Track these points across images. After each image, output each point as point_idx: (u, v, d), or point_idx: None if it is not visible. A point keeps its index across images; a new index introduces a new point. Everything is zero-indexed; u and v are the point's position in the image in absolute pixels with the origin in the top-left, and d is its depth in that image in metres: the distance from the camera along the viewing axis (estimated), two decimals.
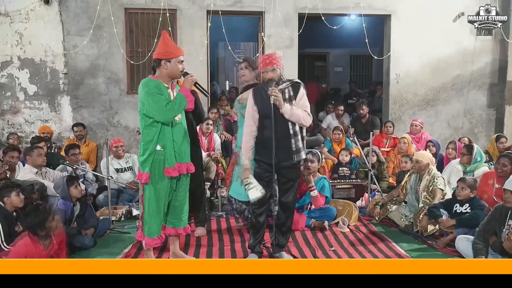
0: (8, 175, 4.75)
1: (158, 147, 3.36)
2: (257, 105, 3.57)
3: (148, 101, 3.29)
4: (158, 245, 3.61)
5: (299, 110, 3.50)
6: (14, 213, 3.83)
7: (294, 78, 3.69)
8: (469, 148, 5.21)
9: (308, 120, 3.55)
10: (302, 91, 3.56)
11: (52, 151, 6.25)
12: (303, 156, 3.64)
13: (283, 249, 3.84)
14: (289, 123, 3.53)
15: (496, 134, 6.38)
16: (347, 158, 6.00)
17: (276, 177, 3.66)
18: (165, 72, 3.40)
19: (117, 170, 5.70)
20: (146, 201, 3.46)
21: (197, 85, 3.55)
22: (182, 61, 3.44)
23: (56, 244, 3.45)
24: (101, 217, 4.70)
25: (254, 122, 3.60)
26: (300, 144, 3.59)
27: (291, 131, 3.54)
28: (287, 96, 3.54)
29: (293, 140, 3.55)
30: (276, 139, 3.49)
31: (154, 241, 3.53)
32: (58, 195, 4.53)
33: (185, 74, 3.48)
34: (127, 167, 5.81)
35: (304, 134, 3.71)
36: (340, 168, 5.93)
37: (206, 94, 3.77)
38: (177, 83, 3.70)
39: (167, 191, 3.47)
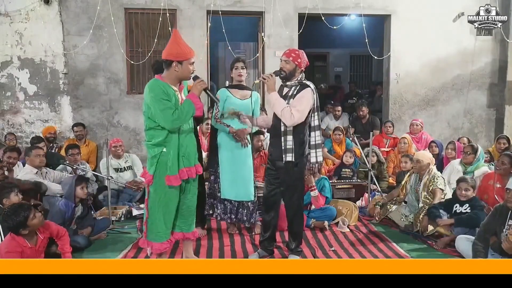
0: (7, 175, 4.74)
1: (164, 149, 3.20)
2: None
3: (154, 107, 3.10)
4: (166, 249, 3.42)
5: (283, 105, 3.49)
6: None
7: (307, 81, 3.61)
8: (474, 148, 5.20)
9: (287, 117, 3.45)
10: (303, 93, 3.49)
11: (54, 151, 6.26)
12: (290, 158, 3.52)
13: (293, 253, 3.80)
14: (281, 121, 3.53)
15: (499, 135, 6.41)
16: (351, 160, 5.96)
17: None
18: (175, 74, 3.19)
19: (117, 170, 5.69)
20: (152, 204, 3.27)
21: (207, 91, 3.35)
22: (193, 62, 3.24)
23: (45, 239, 3.43)
24: (100, 217, 4.70)
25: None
26: (290, 144, 3.51)
27: (282, 129, 3.54)
28: (290, 93, 3.56)
29: (282, 139, 3.55)
30: (272, 137, 3.66)
31: (163, 245, 3.32)
32: (57, 195, 4.54)
33: (195, 77, 3.27)
34: (127, 167, 5.81)
35: (306, 136, 3.63)
36: (343, 169, 5.92)
37: (217, 100, 3.64)
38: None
39: (177, 193, 3.30)
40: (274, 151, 3.62)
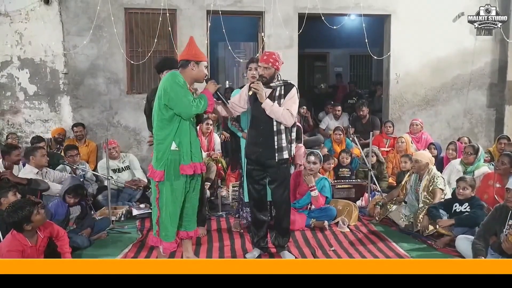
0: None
1: (173, 146, 3.28)
2: (250, 100, 3.69)
3: (176, 92, 3.21)
4: (175, 249, 3.51)
5: (280, 108, 3.55)
6: None
7: (288, 80, 3.75)
8: (475, 148, 5.20)
9: (288, 119, 3.55)
10: (293, 93, 3.62)
11: (60, 152, 6.25)
12: (286, 155, 3.63)
13: (284, 249, 3.85)
14: (274, 121, 3.57)
15: (500, 135, 6.40)
16: (348, 161, 6.00)
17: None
18: (190, 74, 3.36)
19: (114, 171, 5.67)
20: (163, 203, 3.33)
21: (218, 92, 3.54)
22: (206, 66, 3.46)
23: (45, 238, 3.43)
24: (100, 217, 4.70)
25: (238, 102, 3.76)
26: (283, 142, 3.60)
27: (275, 128, 3.59)
28: (277, 94, 3.62)
29: (276, 138, 3.59)
30: (260, 137, 3.61)
31: (172, 245, 3.42)
32: (57, 195, 4.54)
33: (208, 80, 3.50)
34: (124, 167, 5.80)
35: (303, 135, 3.73)
36: (340, 169, 5.93)
37: (226, 102, 3.70)
38: None
39: (183, 192, 3.37)
40: (265, 151, 3.62)
